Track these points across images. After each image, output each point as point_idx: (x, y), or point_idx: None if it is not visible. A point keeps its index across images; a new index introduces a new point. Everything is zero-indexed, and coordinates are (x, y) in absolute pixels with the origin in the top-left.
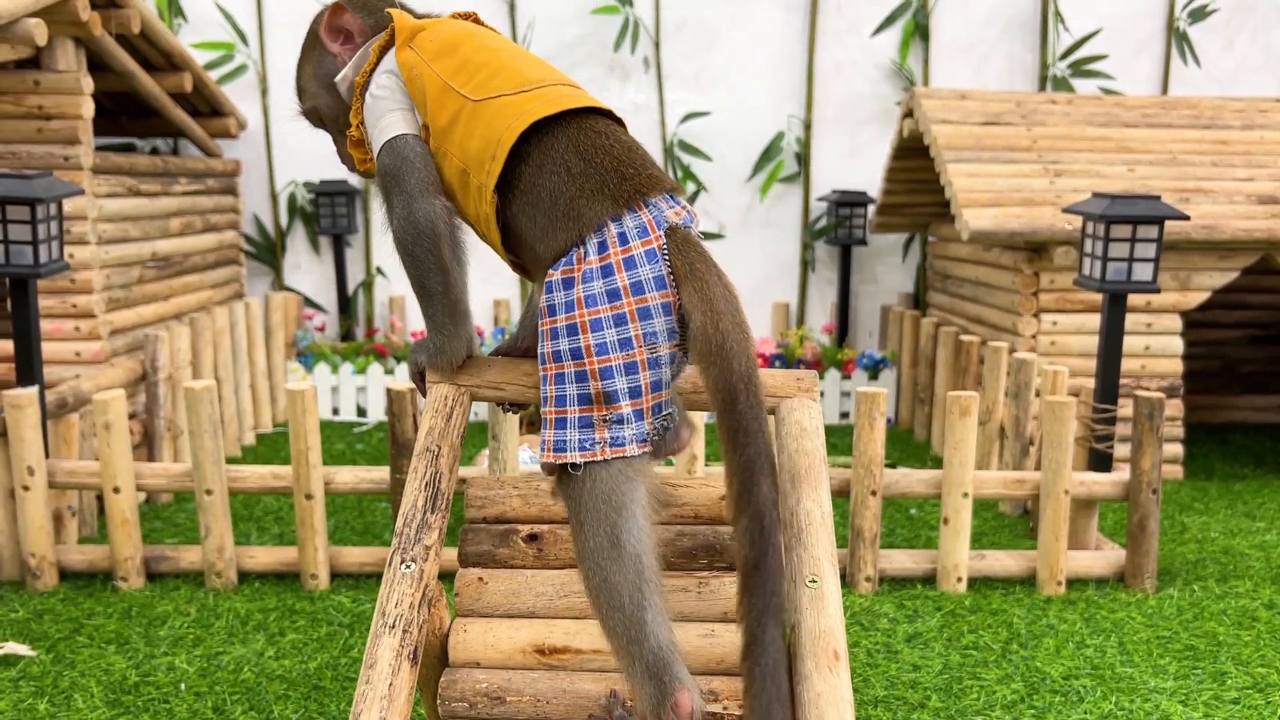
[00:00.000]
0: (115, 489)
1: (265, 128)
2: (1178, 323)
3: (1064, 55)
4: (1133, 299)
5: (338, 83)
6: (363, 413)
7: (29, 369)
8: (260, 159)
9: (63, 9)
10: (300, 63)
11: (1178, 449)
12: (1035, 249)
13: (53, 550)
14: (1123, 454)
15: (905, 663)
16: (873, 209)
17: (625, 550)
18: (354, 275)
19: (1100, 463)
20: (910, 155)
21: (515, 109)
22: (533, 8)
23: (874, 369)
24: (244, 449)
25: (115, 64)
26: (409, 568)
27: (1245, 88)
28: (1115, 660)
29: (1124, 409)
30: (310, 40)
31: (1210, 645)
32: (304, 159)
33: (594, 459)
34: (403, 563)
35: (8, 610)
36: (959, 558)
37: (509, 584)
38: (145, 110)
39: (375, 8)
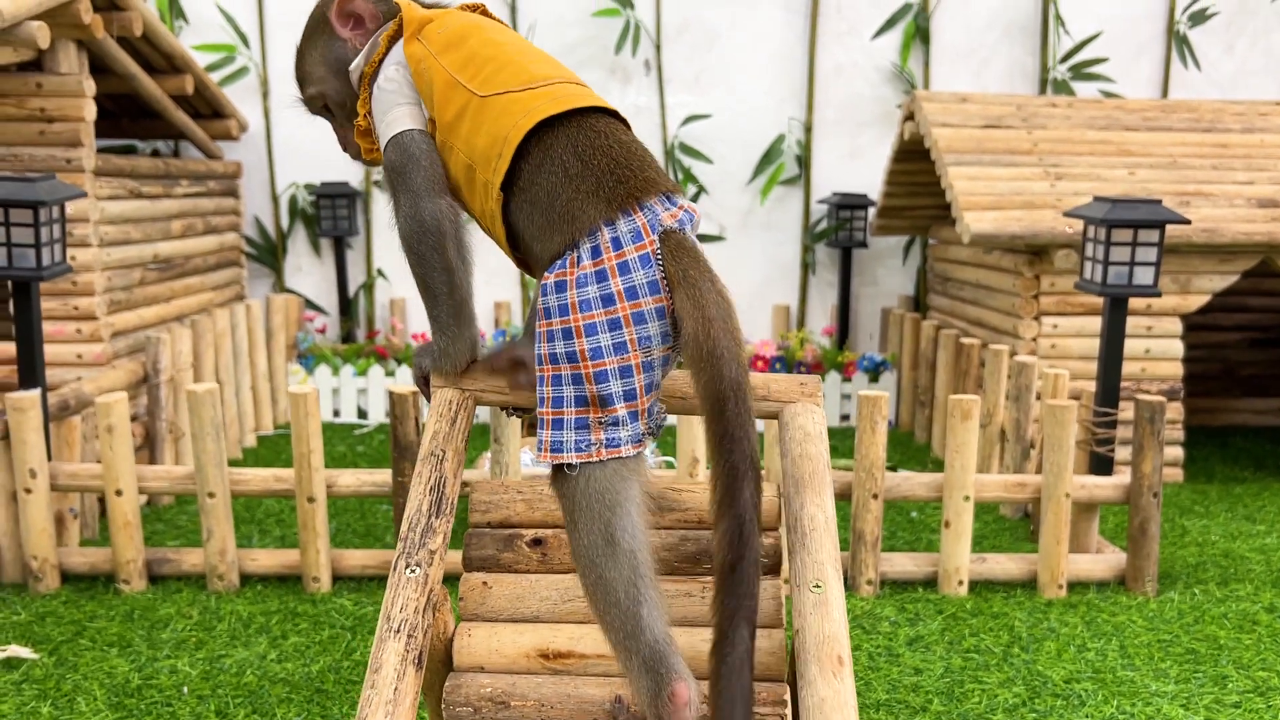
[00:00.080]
0: (117, 492)
1: (266, 130)
2: (1178, 326)
3: (1064, 58)
4: (1133, 302)
5: (350, 71)
6: (364, 415)
7: (31, 372)
8: (261, 161)
9: (65, 12)
10: (303, 47)
11: (1178, 452)
12: (1036, 252)
13: (54, 553)
14: (1123, 457)
15: (907, 666)
16: (873, 211)
17: (620, 547)
18: (355, 277)
19: (1101, 466)
20: (911, 158)
21: (522, 106)
22: (534, 10)
23: (874, 371)
24: (245, 451)
25: (117, 66)
26: (414, 572)
27: (1245, 91)
28: (1116, 664)
29: (1124, 412)
30: (317, 24)
31: (1211, 649)
32: (305, 161)
33: (590, 460)
34: (407, 567)
35: (10, 613)
36: (960, 561)
37: (513, 588)
38: (146, 112)
39: None
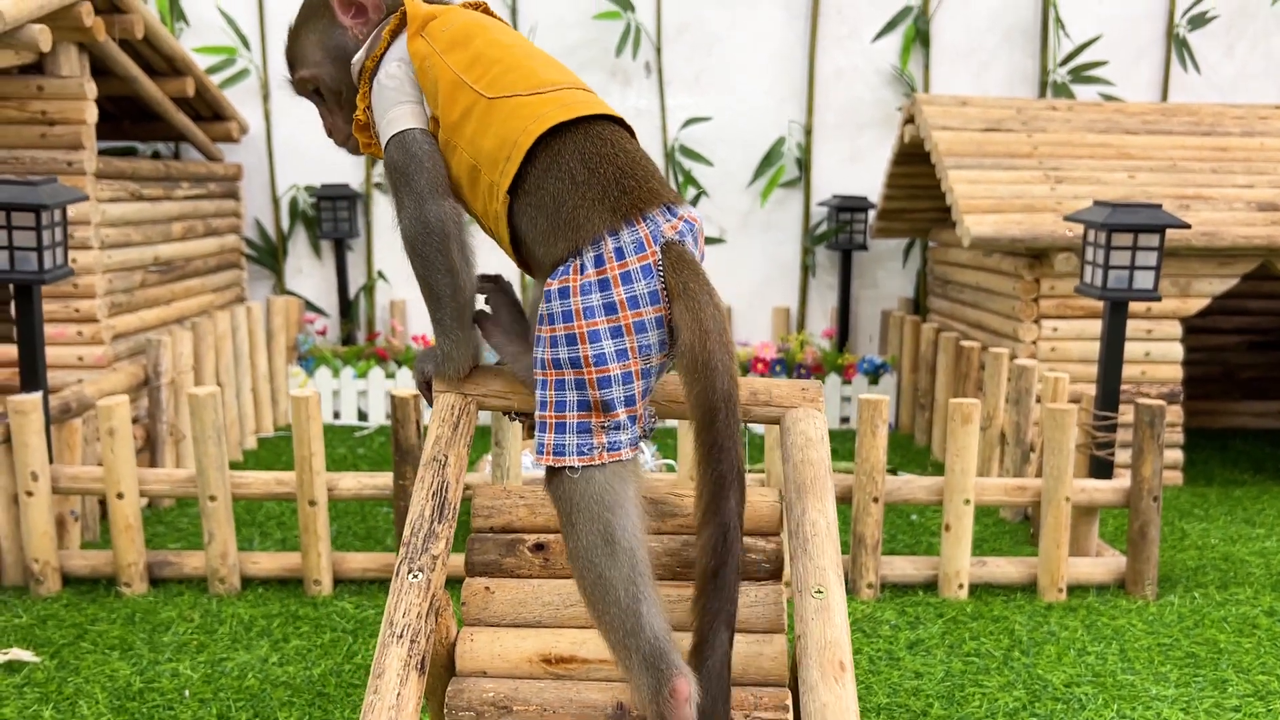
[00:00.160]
0: (119, 495)
1: (267, 132)
2: (1178, 329)
3: (1064, 61)
4: (1133, 305)
5: (352, 65)
6: (364, 416)
7: (33, 375)
8: (262, 163)
9: (67, 15)
10: (298, 29)
11: (1177, 455)
12: (1036, 255)
13: (56, 555)
14: (1123, 460)
15: (907, 670)
16: (873, 214)
17: (619, 546)
18: (355, 279)
19: (1101, 470)
20: (911, 161)
21: (531, 111)
22: (535, 12)
23: (874, 374)
24: (245, 453)
25: (118, 69)
26: (416, 577)
27: (1245, 94)
28: (1116, 667)
29: (1124, 415)
30: (316, 7)
31: (1211, 652)
32: (305, 163)
33: (591, 463)
34: (410, 572)
35: (12, 616)
36: (960, 564)
37: (515, 593)
38: (147, 114)
39: None
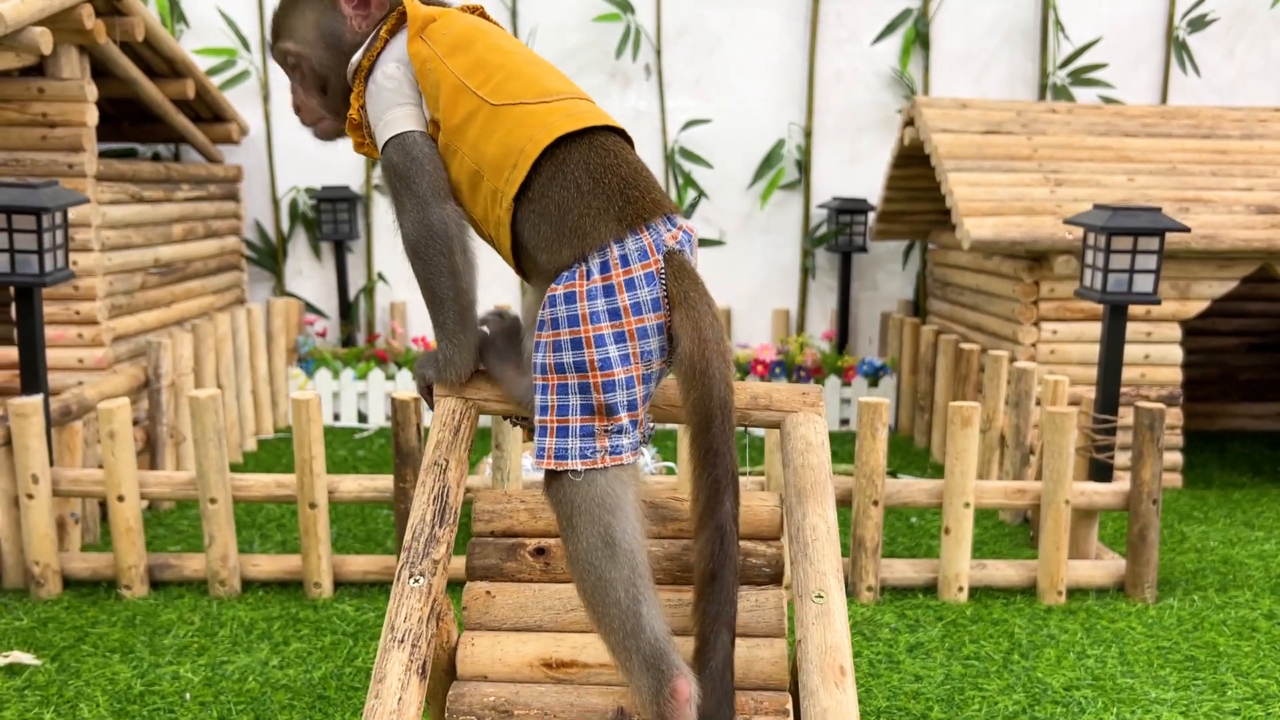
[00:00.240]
0: (120, 497)
1: (267, 133)
2: (1177, 332)
3: (1064, 64)
4: (1133, 308)
5: (349, 65)
6: (364, 418)
7: (34, 377)
8: (262, 164)
9: (67, 17)
10: (294, 2)
11: (1177, 457)
12: (1035, 258)
13: (56, 558)
14: (1122, 462)
15: (907, 673)
16: (873, 216)
17: (620, 548)
18: (355, 281)
19: (1101, 473)
20: (911, 163)
21: (538, 120)
22: (534, 15)
23: (874, 376)
24: (245, 455)
25: (119, 71)
26: (418, 582)
27: (1244, 96)
28: (1116, 671)
29: (1124, 418)
30: None
31: (1210, 656)
32: (305, 165)
33: (594, 466)
34: (411, 577)
35: (12, 618)
36: (960, 567)
37: (516, 597)
38: (147, 116)
39: None
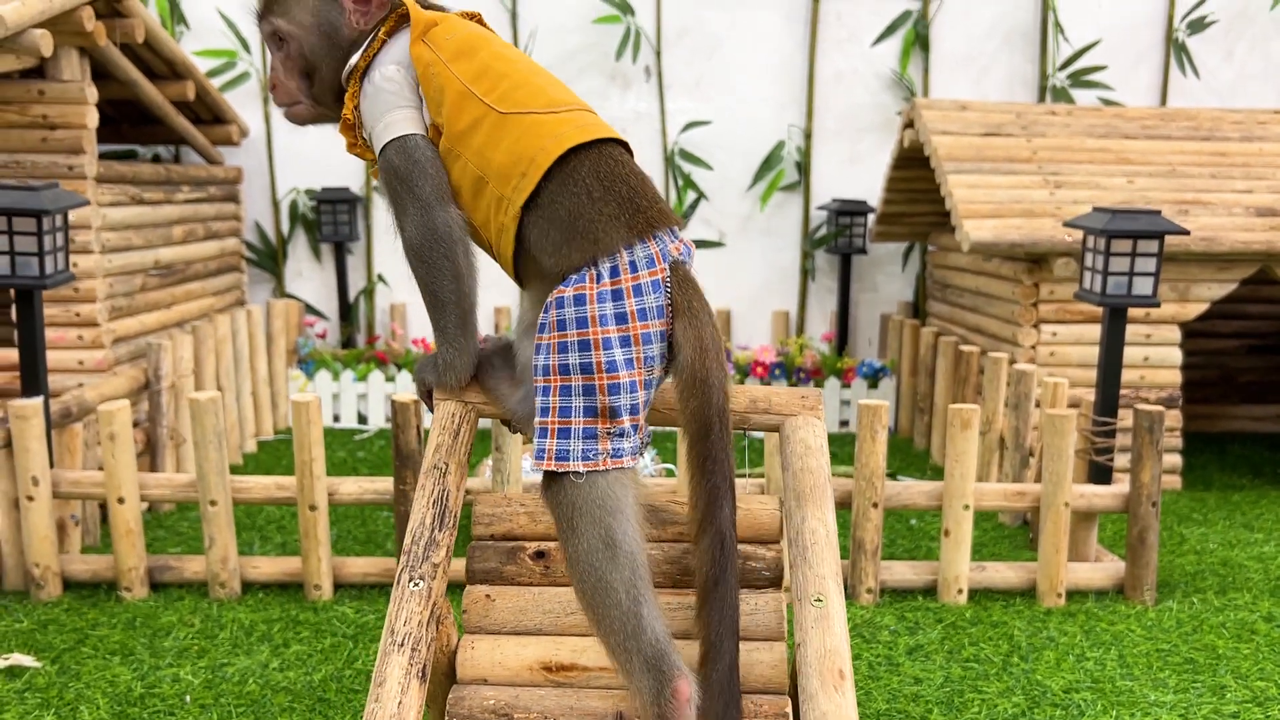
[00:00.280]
0: (120, 499)
1: (267, 135)
2: (1176, 334)
3: (1063, 66)
4: (1132, 310)
5: (347, 65)
6: (364, 420)
7: (34, 379)
8: (262, 166)
9: (68, 20)
10: None
11: (1176, 459)
12: (1035, 260)
13: (56, 560)
14: (1121, 464)
15: (907, 675)
16: (873, 218)
17: (621, 549)
18: (355, 282)
19: (1100, 475)
20: (910, 165)
21: (549, 130)
22: (535, 17)
23: (873, 378)
24: (245, 456)
25: (119, 73)
26: (417, 585)
27: (1244, 98)
28: (1115, 673)
29: (1123, 420)
30: None
31: (1209, 658)
32: (306, 166)
33: (596, 468)
34: (411, 581)
35: (12, 621)
36: (960, 569)
37: (516, 601)
38: (147, 118)
39: None
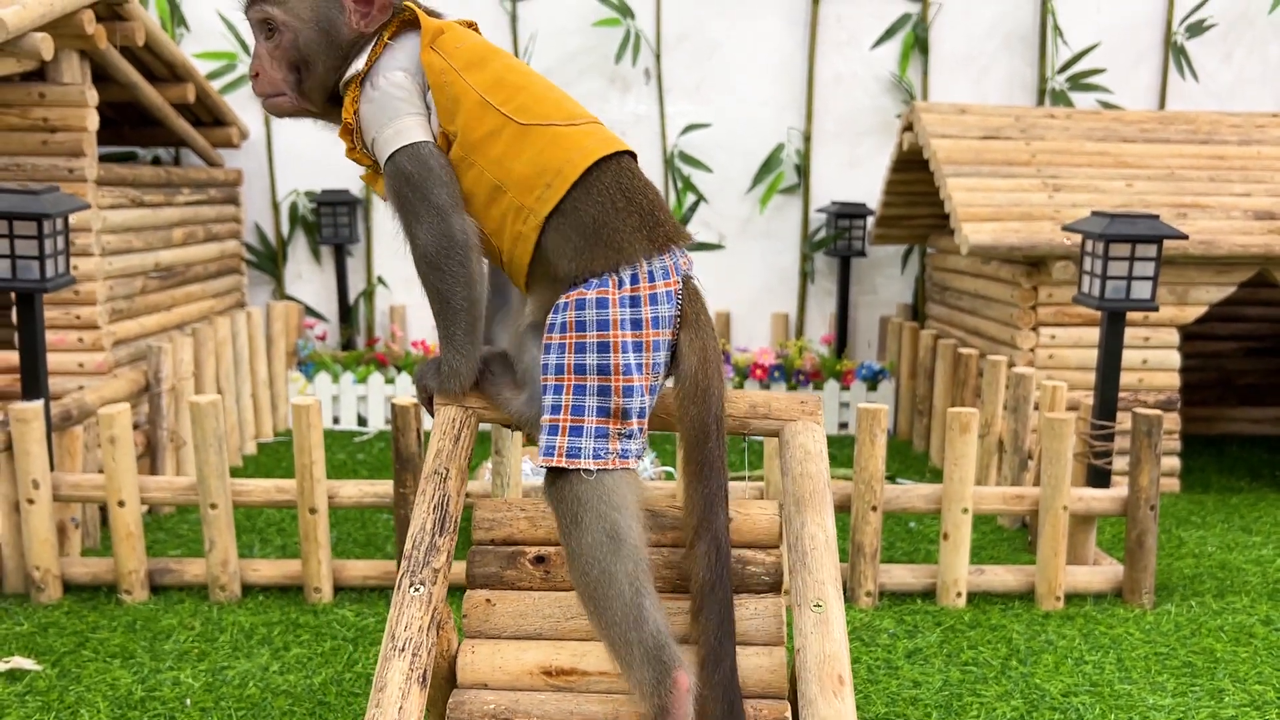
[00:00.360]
0: (120, 503)
1: (267, 137)
2: (1175, 337)
3: (1063, 69)
4: (1131, 314)
5: (349, 70)
6: (363, 422)
7: (34, 382)
8: (262, 168)
9: (69, 23)
10: None
11: (1174, 462)
12: (1034, 263)
13: (57, 563)
14: (1120, 467)
15: (905, 679)
16: (872, 221)
17: (625, 542)
18: (355, 284)
19: (1098, 479)
20: (909, 168)
21: (573, 143)
22: (534, 20)
23: (872, 380)
24: (245, 458)
25: (119, 76)
26: (418, 590)
27: (1242, 101)
28: (1114, 677)
29: (1122, 423)
30: None
31: (1208, 662)
32: (306, 168)
33: (605, 467)
34: (411, 585)
35: (13, 624)
36: (958, 573)
37: (516, 605)
38: (147, 120)
39: None
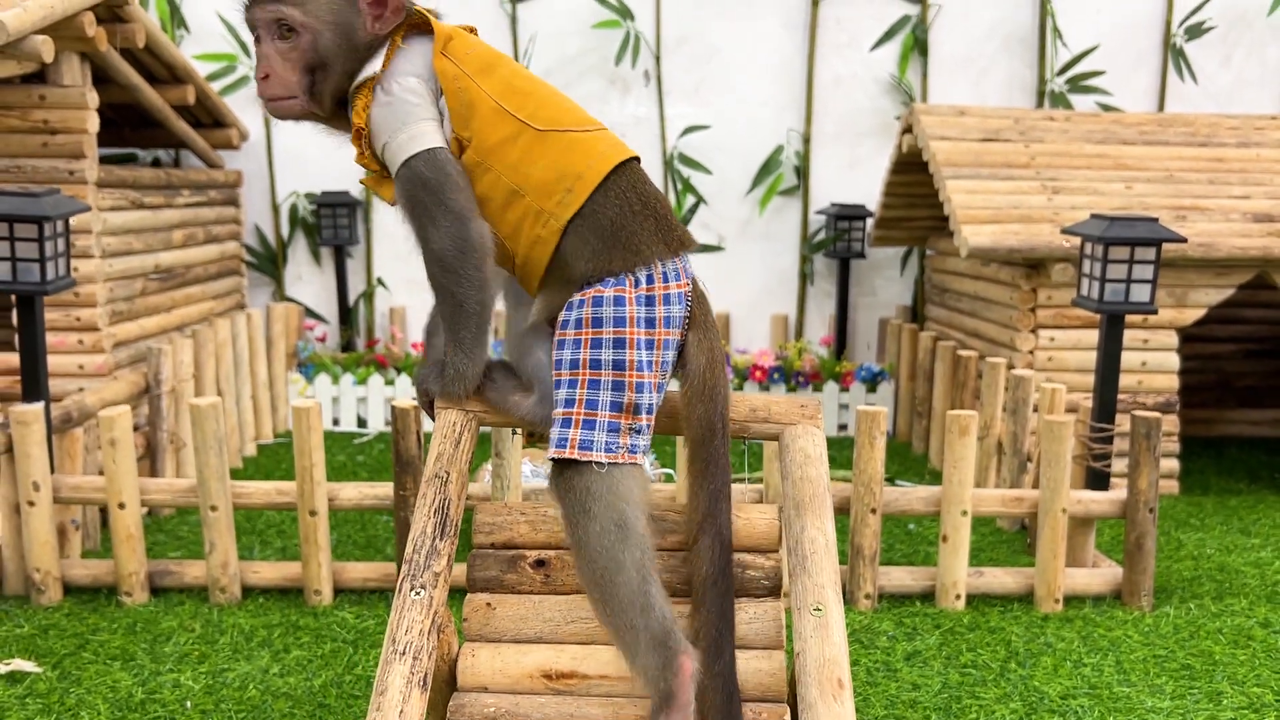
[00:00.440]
0: (120, 505)
1: (267, 138)
2: (1174, 339)
3: (1062, 71)
4: (1130, 316)
5: (362, 73)
6: (363, 423)
7: (35, 385)
8: (262, 170)
9: (69, 25)
10: None
11: (1173, 464)
12: (1033, 265)
13: (57, 565)
14: (1119, 469)
15: (905, 681)
16: (871, 222)
17: (633, 531)
18: (355, 286)
19: (1098, 481)
20: (909, 170)
21: (591, 149)
22: (534, 21)
23: (872, 382)
24: (245, 460)
25: (120, 78)
26: (419, 594)
27: (1241, 103)
28: (1112, 679)
29: (1121, 425)
30: None
31: (1206, 664)
32: (305, 170)
33: (616, 461)
34: (412, 589)
35: (13, 626)
36: (958, 575)
37: (517, 609)
38: (148, 121)
39: None
